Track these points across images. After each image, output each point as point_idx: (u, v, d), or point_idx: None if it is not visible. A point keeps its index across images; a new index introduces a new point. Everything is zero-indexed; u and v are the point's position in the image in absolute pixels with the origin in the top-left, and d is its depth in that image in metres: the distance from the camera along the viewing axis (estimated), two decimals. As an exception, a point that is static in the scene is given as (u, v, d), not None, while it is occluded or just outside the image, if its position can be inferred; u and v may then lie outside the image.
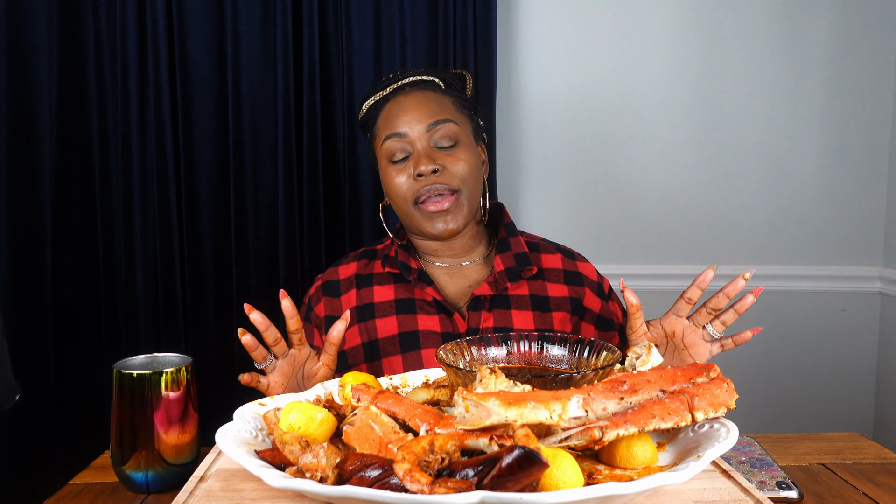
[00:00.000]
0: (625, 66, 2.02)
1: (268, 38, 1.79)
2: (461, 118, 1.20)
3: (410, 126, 1.15)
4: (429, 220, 1.16)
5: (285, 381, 1.01)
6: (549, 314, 1.17)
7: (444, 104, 1.18)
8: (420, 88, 1.20)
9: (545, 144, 2.03)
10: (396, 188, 1.17)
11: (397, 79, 1.22)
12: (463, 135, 1.18)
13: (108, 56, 1.77)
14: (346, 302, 1.21)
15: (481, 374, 0.67)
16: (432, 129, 1.15)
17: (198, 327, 1.83)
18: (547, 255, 1.24)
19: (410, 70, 1.24)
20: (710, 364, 0.73)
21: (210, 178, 1.83)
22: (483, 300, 1.16)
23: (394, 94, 1.20)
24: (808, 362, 2.10)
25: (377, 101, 1.23)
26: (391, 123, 1.17)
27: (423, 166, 1.13)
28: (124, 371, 0.82)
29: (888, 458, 0.97)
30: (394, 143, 1.16)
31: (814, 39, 2.02)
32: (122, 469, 0.83)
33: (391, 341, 1.15)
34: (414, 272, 1.18)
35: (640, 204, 2.06)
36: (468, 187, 1.16)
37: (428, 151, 1.15)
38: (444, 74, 1.24)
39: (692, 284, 1.00)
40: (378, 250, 1.27)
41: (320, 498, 0.58)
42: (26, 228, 1.75)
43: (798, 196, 2.07)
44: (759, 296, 0.99)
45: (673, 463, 0.67)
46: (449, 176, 1.14)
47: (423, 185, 1.14)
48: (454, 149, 1.16)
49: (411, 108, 1.16)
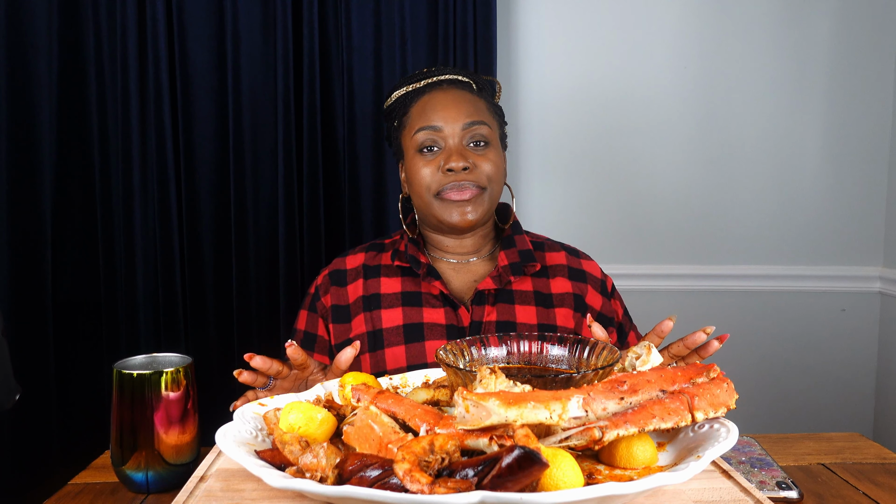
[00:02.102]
0: (625, 66, 2.02)
1: (268, 38, 1.79)
2: (493, 122, 1.24)
3: (447, 122, 1.19)
4: (448, 210, 1.18)
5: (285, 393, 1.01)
6: (552, 310, 1.19)
7: (479, 106, 1.22)
8: (457, 87, 1.24)
9: (545, 144, 2.03)
10: (421, 178, 1.19)
11: (432, 74, 1.26)
12: (494, 137, 1.22)
13: (108, 56, 1.77)
14: (352, 291, 1.22)
15: (481, 374, 0.67)
16: (468, 129, 1.19)
17: (198, 327, 1.83)
18: (551, 253, 1.27)
19: (446, 68, 1.28)
20: (710, 364, 0.73)
21: (210, 178, 1.83)
22: (487, 294, 1.18)
23: (430, 87, 1.24)
24: (808, 362, 2.10)
25: (409, 93, 1.25)
26: (427, 116, 1.20)
27: (455, 162, 1.16)
28: (124, 371, 0.82)
29: (888, 458, 0.97)
30: (427, 134, 1.19)
31: (815, 40, 2.02)
32: (122, 469, 0.83)
33: (395, 332, 1.16)
34: (423, 266, 1.20)
35: (641, 204, 2.06)
36: (493, 187, 1.20)
37: (461, 149, 1.18)
38: (478, 79, 1.28)
39: (651, 332, 0.96)
40: (386, 244, 1.29)
41: (320, 498, 0.58)
42: (26, 228, 1.75)
43: (798, 196, 2.07)
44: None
45: (673, 463, 0.67)
46: (478, 174, 1.18)
47: (451, 179, 1.17)
48: (485, 149, 1.20)
49: (449, 105, 1.20)
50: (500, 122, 1.27)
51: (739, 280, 2.06)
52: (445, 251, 1.26)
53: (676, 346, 0.95)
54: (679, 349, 0.95)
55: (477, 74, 1.30)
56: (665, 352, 0.97)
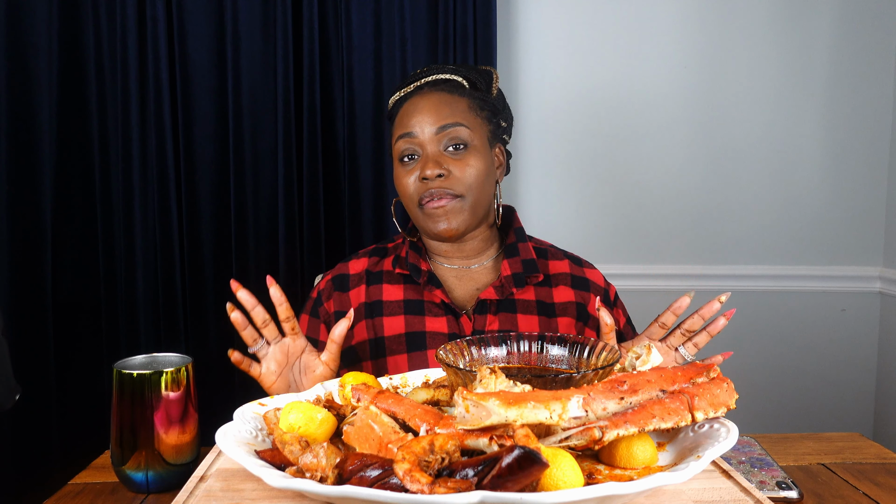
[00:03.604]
0: (625, 66, 2.02)
1: (268, 38, 1.79)
2: (475, 121, 1.19)
3: (421, 128, 1.16)
4: (430, 220, 1.16)
5: (279, 371, 1.02)
6: (555, 319, 1.18)
7: (457, 107, 1.18)
8: (437, 89, 1.20)
9: (545, 145, 2.03)
10: (404, 188, 1.18)
11: (420, 76, 1.23)
12: (475, 138, 1.17)
13: (108, 56, 1.77)
14: (354, 297, 1.21)
15: (481, 374, 0.67)
16: (441, 133, 1.15)
17: (198, 327, 1.83)
18: (554, 262, 1.25)
19: (435, 67, 1.24)
20: (711, 364, 0.73)
21: (210, 178, 1.83)
22: (489, 304, 1.17)
23: (414, 92, 1.21)
24: (808, 362, 2.10)
25: (400, 98, 1.24)
26: (404, 123, 1.18)
27: (429, 170, 1.13)
28: (124, 371, 0.82)
29: (888, 458, 0.97)
30: (404, 143, 1.17)
31: (815, 40, 2.02)
32: (122, 469, 0.83)
33: (397, 340, 1.16)
34: (424, 274, 1.18)
35: (640, 204, 2.06)
36: (473, 193, 1.16)
37: (436, 155, 1.15)
38: (468, 73, 1.23)
39: (667, 310, 1.02)
40: (389, 248, 1.28)
41: (320, 498, 0.58)
42: (26, 228, 1.75)
43: (799, 196, 2.07)
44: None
45: (673, 463, 0.67)
46: (454, 181, 1.14)
47: (427, 188, 1.15)
48: (463, 153, 1.16)
49: (423, 110, 1.17)
50: (488, 118, 1.21)
51: (739, 280, 2.06)
52: (445, 256, 1.25)
53: (691, 320, 1.00)
54: (694, 322, 0.99)
55: (469, 68, 1.25)
56: (677, 331, 1.01)
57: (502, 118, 1.26)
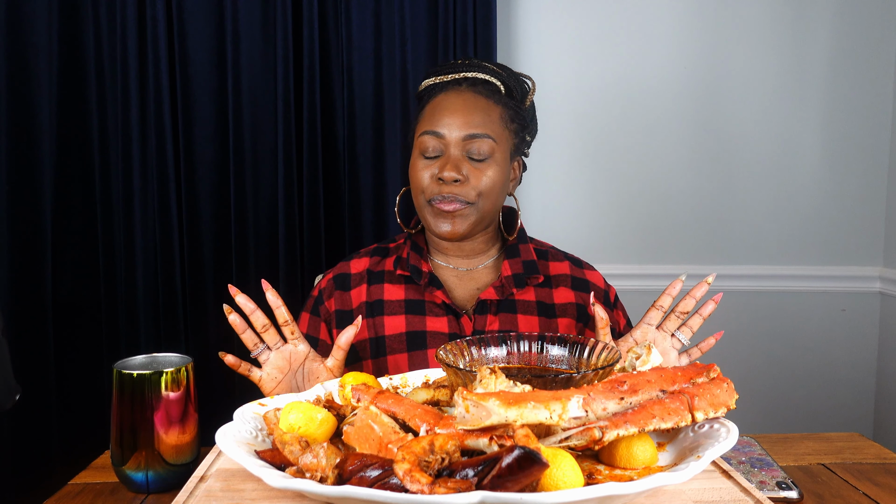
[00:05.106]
0: (625, 66, 2.02)
1: (268, 38, 1.79)
2: (503, 134, 1.18)
3: (450, 129, 1.15)
4: (435, 218, 1.17)
5: (280, 377, 1.01)
6: (555, 320, 1.19)
7: (489, 116, 1.17)
8: (474, 90, 1.19)
9: (545, 145, 2.03)
10: (418, 180, 1.18)
11: (459, 69, 1.21)
12: (498, 151, 1.17)
13: (108, 56, 1.77)
14: (356, 296, 1.22)
15: (481, 374, 0.67)
16: (468, 140, 1.15)
17: (198, 327, 1.83)
18: (555, 263, 1.25)
19: (475, 63, 1.22)
20: (710, 364, 0.73)
21: (210, 178, 1.83)
22: (489, 304, 1.17)
23: (450, 85, 1.20)
24: (808, 362, 2.10)
25: (434, 85, 1.22)
26: (433, 119, 1.17)
27: (447, 172, 1.13)
28: (124, 371, 0.82)
29: (888, 458, 0.97)
30: (430, 139, 1.17)
31: (815, 40, 2.02)
32: (122, 469, 0.83)
33: (398, 339, 1.16)
34: (425, 276, 1.19)
35: (640, 204, 2.06)
36: (483, 202, 1.17)
37: (457, 159, 1.15)
38: (508, 78, 1.22)
39: (663, 293, 1.06)
40: (391, 248, 1.28)
41: (320, 498, 0.58)
42: (26, 228, 1.75)
43: (798, 196, 2.07)
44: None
45: (673, 463, 0.67)
46: (468, 188, 1.15)
47: (441, 189, 1.15)
48: (483, 163, 1.16)
49: (456, 111, 1.16)
50: (516, 131, 1.22)
51: (739, 280, 2.06)
52: (446, 254, 1.25)
53: (683, 302, 1.05)
54: (686, 303, 1.04)
55: (510, 72, 1.24)
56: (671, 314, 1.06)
57: (528, 132, 1.26)
